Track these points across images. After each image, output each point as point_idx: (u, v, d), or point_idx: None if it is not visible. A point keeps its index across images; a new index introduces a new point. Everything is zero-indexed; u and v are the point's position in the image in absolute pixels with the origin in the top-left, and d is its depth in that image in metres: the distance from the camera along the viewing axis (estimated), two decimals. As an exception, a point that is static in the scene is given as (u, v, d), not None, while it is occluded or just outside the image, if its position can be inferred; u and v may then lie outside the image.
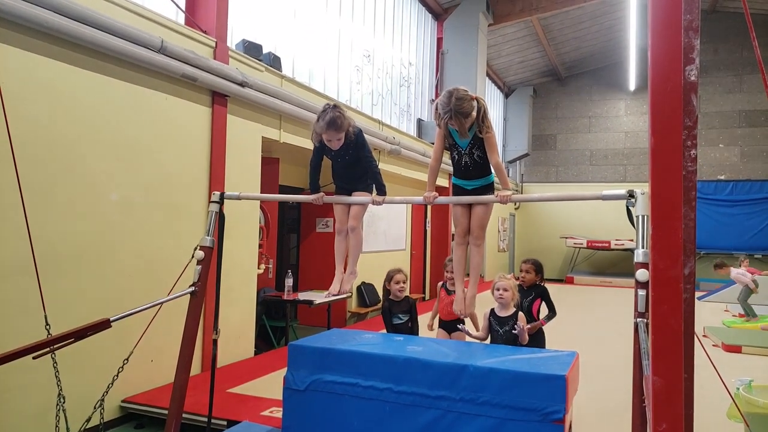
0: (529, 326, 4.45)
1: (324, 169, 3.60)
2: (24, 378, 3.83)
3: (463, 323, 4.47)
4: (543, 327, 4.74)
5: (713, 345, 7.59)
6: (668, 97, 1.36)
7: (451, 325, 4.70)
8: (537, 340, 4.58)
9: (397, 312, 4.66)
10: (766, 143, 16.70)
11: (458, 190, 3.42)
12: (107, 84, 4.52)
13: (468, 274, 3.54)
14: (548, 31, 15.25)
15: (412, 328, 4.66)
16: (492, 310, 4.27)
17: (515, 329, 4.08)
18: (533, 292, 4.77)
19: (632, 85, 17.83)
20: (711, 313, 10.39)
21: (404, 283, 4.68)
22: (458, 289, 3.45)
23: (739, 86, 16.93)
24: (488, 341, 4.32)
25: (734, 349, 7.27)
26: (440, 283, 4.95)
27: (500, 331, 4.20)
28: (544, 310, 4.81)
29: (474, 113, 3.12)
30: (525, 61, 16.97)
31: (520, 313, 4.27)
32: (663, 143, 1.36)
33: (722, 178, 16.91)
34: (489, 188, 3.39)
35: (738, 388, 3.46)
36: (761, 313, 10.29)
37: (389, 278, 4.73)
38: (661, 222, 1.33)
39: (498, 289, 4.22)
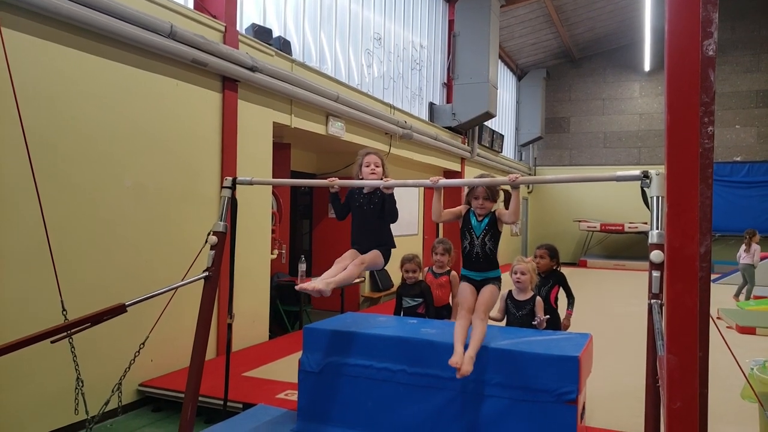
0: (563, 323, 4.51)
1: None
2: (43, 362, 3.89)
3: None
4: (557, 310, 4.73)
5: (727, 327, 7.55)
6: (685, 72, 1.33)
7: (438, 311, 4.68)
8: (552, 323, 4.57)
9: (406, 296, 4.69)
10: (783, 124, 16.46)
11: (467, 281, 3.45)
12: (118, 70, 4.53)
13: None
14: (561, 12, 15.04)
15: (423, 313, 4.65)
16: (509, 293, 4.25)
17: (535, 321, 4.08)
18: (551, 280, 4.74)
19: (647, 65, 17.56)
20: (725, 296, 10.31)
21: (414, 272, 4.69)
22: (457, 346, 3.09)
23: (757, 65, 16.62)
24: (504, 323, 4.33)
25: (748, 330, 7.23)
26: (426, 268, 4.94)
27: (517, 314, 4.18)
28: (561, 296, 4.80)
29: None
30: (538, 42, 16.77)
31: (538, 299, 4.23)
32: (679, 120, 1.33)
33: (738, 159, 16.68)
34: (496, 280, 3.39)
35: (752, 369, 3.44)
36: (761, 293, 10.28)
37: (401, 264, 4.76)
38: (677, 199, 1.31)
39: (516, 273, 4.19)
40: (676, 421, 1.31)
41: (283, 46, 6.71)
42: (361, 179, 3.57)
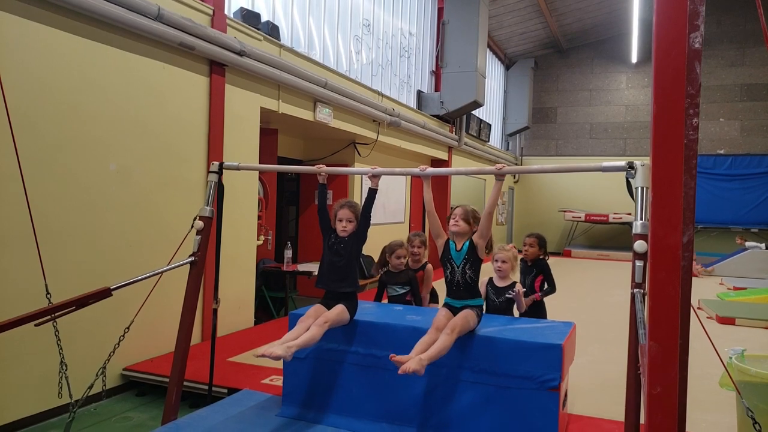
0: (526, 300, 4.50)
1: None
2: (26, 346, 3.86)
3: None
4: (544, 300, 4.77)
5: (708, 317, 7.67)
6: (671, 64, 1.35)
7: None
8: (538, 312, 4.62)
9: (393, 284, 4.66)
10: (766, 117, 16.62)
11: (447, 307, 3.45)
12: (104, 52, 4.47)
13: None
14: (550, 2, 15.05)
15: (411, 300, 4.64)
16: (490, 280, 4.32)
17: (510, 294, 4.15)
18: (535, 269, 4.79)
19: (634, 57, 17.66)
20: (706, 286, 10.47)
21: (405, 258, 4.67)
22: (412, 352, 3.07)
23: (742, 59, 16.77)
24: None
25: (728, 321, 7.35)
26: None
27: (497, 301, 4.26)
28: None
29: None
30: (526, 32, 16.77)
31: (518, 284, 4.32)
32: (665, 111, 1.35)
33: (722, 152, 16.87)
34: (475, 308, 3.41)
35: (731, 358, 3.51)
36: (755, 285, 10.39)
37: (391, 251, 4.65)
38: (661, 189, 1.34)
39: (497, 261, 4.25)
40: (656, 407, 1.34)
41: (272, 30, 6.66)
42: (334, 229, 3.62)
